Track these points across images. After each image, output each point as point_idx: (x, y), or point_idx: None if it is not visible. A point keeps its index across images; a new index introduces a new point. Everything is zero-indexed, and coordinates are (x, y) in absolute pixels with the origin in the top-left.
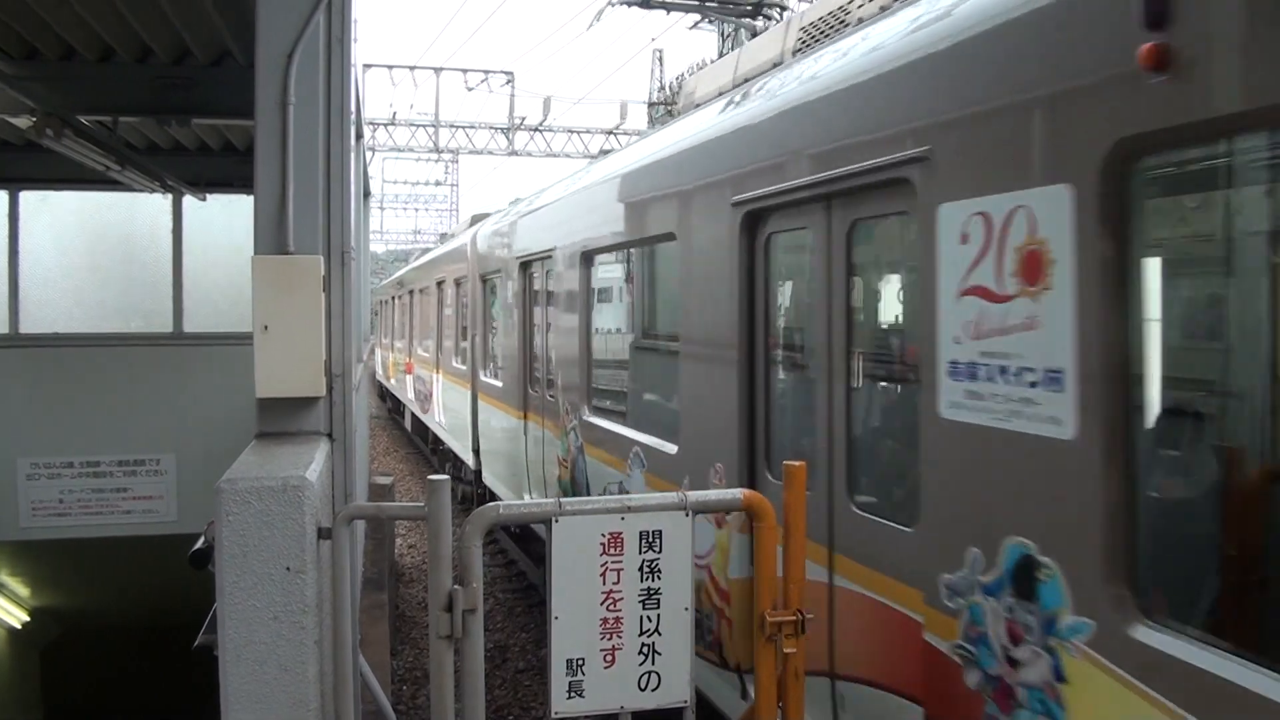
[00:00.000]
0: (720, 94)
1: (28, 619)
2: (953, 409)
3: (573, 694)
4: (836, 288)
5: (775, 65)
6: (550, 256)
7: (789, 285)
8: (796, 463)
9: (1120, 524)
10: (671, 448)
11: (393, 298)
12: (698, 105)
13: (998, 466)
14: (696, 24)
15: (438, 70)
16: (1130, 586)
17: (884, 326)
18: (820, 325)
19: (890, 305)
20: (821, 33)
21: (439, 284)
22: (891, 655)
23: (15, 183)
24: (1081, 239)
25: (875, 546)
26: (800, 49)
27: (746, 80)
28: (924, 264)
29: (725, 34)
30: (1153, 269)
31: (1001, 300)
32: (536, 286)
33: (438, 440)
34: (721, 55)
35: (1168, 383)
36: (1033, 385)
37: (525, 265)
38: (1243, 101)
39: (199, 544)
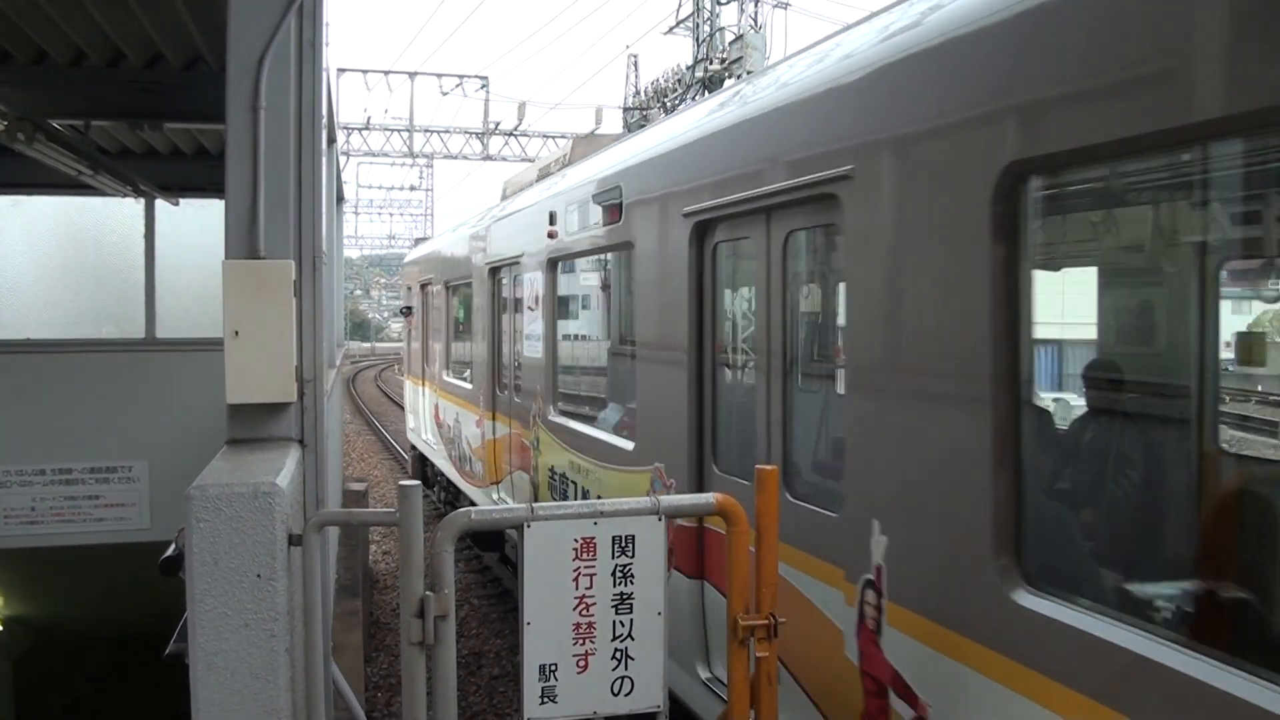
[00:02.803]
0: None
1: (0, 629)
2: None
3: (546, 699)
4: None
5: None
6: None
7: None
8: (769, 467)
9: None
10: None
11: (493, 271)
12: None
13: None
14: (671, 29)
15: (412, 75)
16: None
17: None
18: None
19: None
20: None
21: None
22: None
23: None
24: None
25: None
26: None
27: None
28: None
29: (700, 39)
30: None
31: None
32: None
33: None
34: (696, 61)
35: None
36: None
37: None
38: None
39: (170, 551)
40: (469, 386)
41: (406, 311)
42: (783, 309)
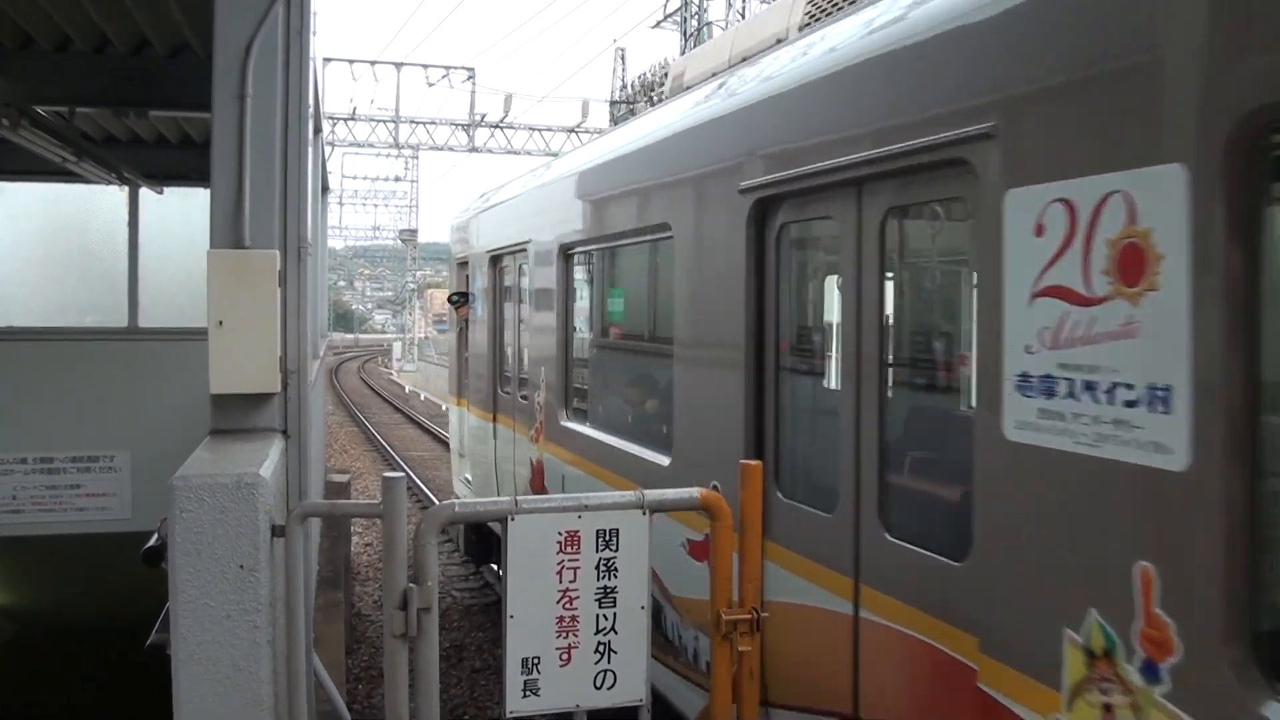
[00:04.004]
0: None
1: None
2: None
3: (528, 693)
4: None
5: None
6: None
7: None
8: (753, 462)
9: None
10: None
11: (763, 207)
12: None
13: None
14: (659, 23)
15: (398, 65)
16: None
17: None
18: None
19: None
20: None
21: None
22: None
23: None
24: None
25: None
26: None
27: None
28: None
29: (689, 34)
30: None
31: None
32: None
33: None
34: (684, 54)
35: None
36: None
37: None
38: None
39: (152, 541)
40: (654, 460)
41: (458, 300)
42: None
